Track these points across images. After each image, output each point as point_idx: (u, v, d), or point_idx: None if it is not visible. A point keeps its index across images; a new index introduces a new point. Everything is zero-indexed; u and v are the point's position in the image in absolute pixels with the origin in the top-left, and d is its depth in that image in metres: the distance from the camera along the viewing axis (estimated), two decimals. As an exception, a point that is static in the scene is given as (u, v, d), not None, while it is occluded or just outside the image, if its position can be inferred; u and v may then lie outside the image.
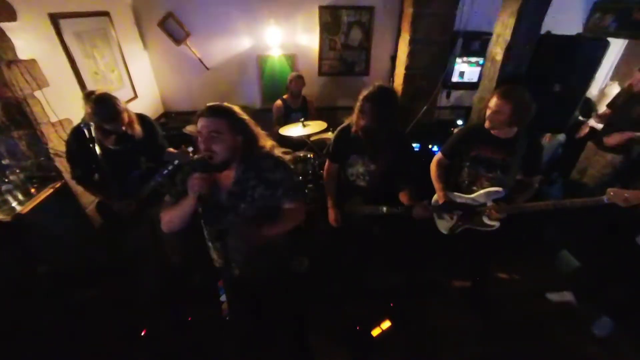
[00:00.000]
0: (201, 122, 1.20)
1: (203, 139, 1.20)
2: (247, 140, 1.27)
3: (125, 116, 1.84)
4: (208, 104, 1.23)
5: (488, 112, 1.79)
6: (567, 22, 3.64)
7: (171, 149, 2.09)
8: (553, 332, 2.18)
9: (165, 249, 2.35)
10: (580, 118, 3.47)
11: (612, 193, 1.59)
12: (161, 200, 2.19)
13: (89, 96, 1.78)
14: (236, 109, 1.27)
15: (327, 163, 2.05)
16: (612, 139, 2.70)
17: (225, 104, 1.26)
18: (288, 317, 1.89)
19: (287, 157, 2.80)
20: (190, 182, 1.17)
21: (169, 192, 1.40)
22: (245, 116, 1.28)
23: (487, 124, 1.81)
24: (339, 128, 1.98)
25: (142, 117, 2.04)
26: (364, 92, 1.77)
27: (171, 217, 1.31)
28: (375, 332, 2.13)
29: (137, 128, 1.95)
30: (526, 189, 1.91)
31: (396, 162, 1.91)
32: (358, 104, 1.79)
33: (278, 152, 1.41)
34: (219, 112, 1.21)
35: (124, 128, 1.85)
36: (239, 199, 1.31)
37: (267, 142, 1.36)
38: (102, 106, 1.73)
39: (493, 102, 1.75)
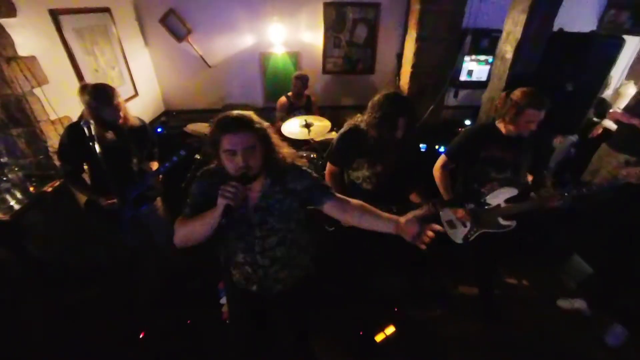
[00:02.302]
0: (233, 139, 1.11)
1: (241, 155, 1.12)
2: (270, 150, 1.22)
3: (122, 103, 1.88)
4: (229, 117, 1.14)
5: (520, 121, 1.74)
6: (580, 19, 3.59)
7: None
8: (563, 341, 2.15)
9: (163, 251, 2.36)
10: (595, 119, 3.42)
11: (625, 172, 1.65)
12: (151, 202, 2.24)
13: (85, 87, 1.81)
14: (255, 116, 1.20)
15: (329, 166, 1.98)
16: (617, 115, 2.66)
17: (244, 112, 1.18)
18: (290, 321, 1.89)
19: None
20: (223, 190, 1.11)
21: (186, 205, 1.30)
22: (265, 123, 1.23)
23: (511, 130, 1.79)
24: (344, 132, 1.89)
25: (137, 119, 2.09)
26: (391, 104, 1.67)
27: (190, 230, 1.23)
28: (379, 337, 2.12)
29: (134, 120, 2.00)
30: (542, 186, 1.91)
31: (403, 161, 1.89)
32: (384, 114, 1.67)
33: (298, 159, 1.35)
34: (248, 126, 1.14)
35: (121, 114, 1.87)
36: (267, 214, 1.29)
37: (289, 151, 1.31)
38: (101, 91, 1.79)
39: (531, 113, 1.70)
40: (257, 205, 1.28)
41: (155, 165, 2.23)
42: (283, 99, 3.45)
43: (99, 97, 1.78)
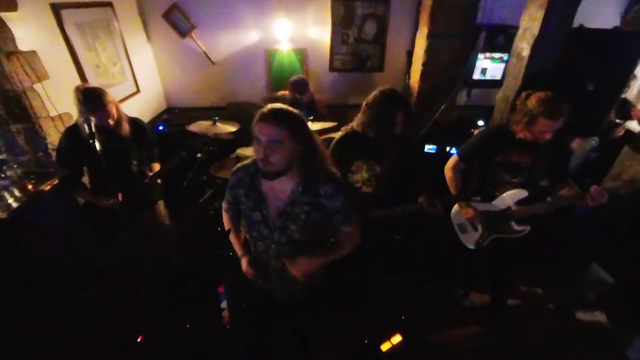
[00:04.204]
0: (262, 128, 1.13)
1: (262, 146, 1.13)
2: (307, 152, 1.20)
3: (113, 109, 1.89)
4: (272, 107, 1.15)
5: (533, 130, 1.71)
6: (602, 15, 3.54)
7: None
8: (581, 355, 2.10)
9: (163, 253, 2.37)
10: (617, 120, 3.36)
11: None
12: (152, 205, 2.25)
13: (77, 89, 1.83)
14: (300, 115, 1.19)
15: None
16: None
17: (290, 108, 1.18)
18: (293, 327, 1.88)
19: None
20: (244, 269, 1.37)
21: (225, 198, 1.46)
22: (309, 125, 1.24)
23: (527, 135, 1.75)
24: (339, 139, 1.91)
25: (134, 120, 2.11)
26: (388, 100, 1.72)
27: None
28: (385, 346, 2.09)
29: (126, 126, 2.00)
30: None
31: (401, 161, 1.89)
32: (382, 111, 1.72)
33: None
34: (283, 120, 1.13)
35: (111, 122, 1.88)
36: (290, 221, 1.29)
37: (329, 164, 1.31)
38: (90, 96, 1.80)
39: (544, 123, 1.65)
40: (282, 211, 1.29)
41: (156, 167, 2.24)
42: (287, 92, 3.40)
43: (86, 103, 1.79)
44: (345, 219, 1.33)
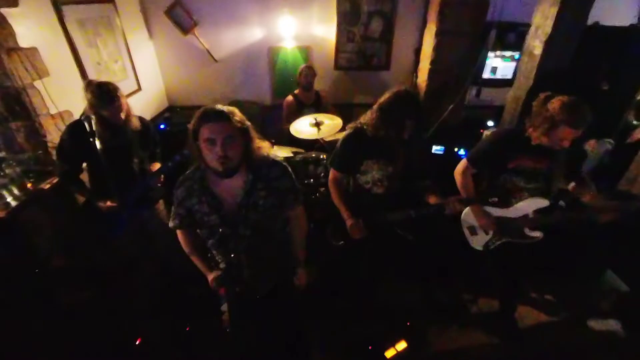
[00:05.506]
0: (212, 128, 1.19)
1: (219, 145, 1.19)
2: (249, 142, 1.29)
3: (124, 103, 1.91)
4: (209, 109, 1.23)
5: (552, 136, 1.64)
6: (618, 12, 3.47)
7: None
8: (594, 365, 2.07)
9: (163, 255, 2.37)
10: (634, 122, 3.31)
11: None
12: (152, 204, 2.26)
13: (89, 84, 1.85)
14: (237, 111, 1.28)
15: (332, 173, 1.95)
16: None
17: (225, 106, 1.27)
18: (293, 333, 1.87)
19: (297, 158, 2.85)
20: (212, 284, 1.45)
21: (174, 213, 1.46)
22: (246, 121, 1.31)
23: (544, 141, 1.70)
24: (348, 136, 1.87)
25: (138, 118, 2.12)
26: (400, 105, 1.69)
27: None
28: (389, 353, 2.08)
29: (135, 121, 2.03)
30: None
31: (413, 159, 1.87)
32: (391, 115, 1.70)
33: (271, 150, 1.48)
34: (228, 116, 1.21)
35: (122, 116, 1.91)
36: (250, 210, 1.36)
37: (264, 144, 1.38)
38: (105, 89, 1.83)
39: (565, 131, 1.59)
40: (240, 203, 1.35)
41: (157, 166, 2.25)
42: (290, 97, 3.44)
43: (101, 96, 1.81)
44: (296, 198, 1.48)
